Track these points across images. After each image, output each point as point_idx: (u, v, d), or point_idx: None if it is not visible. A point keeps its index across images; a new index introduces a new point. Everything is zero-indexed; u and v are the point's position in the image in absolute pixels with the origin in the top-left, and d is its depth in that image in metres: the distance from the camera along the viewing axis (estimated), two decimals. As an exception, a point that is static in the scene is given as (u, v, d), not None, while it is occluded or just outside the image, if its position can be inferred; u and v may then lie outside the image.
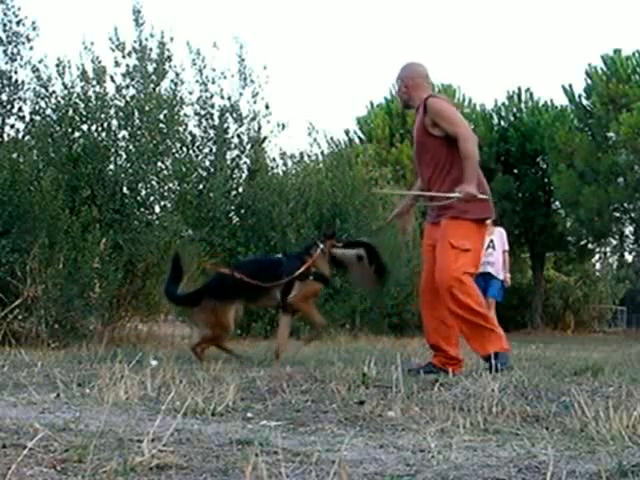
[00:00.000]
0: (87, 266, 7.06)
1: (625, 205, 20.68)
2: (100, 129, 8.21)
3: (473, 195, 4.16)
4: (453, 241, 4.19)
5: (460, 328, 4.25)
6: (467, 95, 24.04)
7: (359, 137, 24.71)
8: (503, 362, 4.09)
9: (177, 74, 9.35)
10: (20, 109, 8.07)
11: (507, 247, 9.42)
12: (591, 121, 20.57)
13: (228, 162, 10.71)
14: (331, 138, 19.15)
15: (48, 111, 8.13)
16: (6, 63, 8.01)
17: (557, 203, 22.74)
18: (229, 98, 10.72)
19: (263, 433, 2.16)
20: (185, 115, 9.69)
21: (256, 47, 44.02)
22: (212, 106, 10.61)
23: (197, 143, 10.43)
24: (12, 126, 8.09)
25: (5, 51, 8.00)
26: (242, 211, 10.81)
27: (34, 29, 8.08)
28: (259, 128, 10.95)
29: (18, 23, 8.04)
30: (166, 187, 8.86)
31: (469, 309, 4.15)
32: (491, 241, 9.09)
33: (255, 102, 10.83)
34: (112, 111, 8.31)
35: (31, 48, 8.12)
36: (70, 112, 8.06)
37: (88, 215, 7.40)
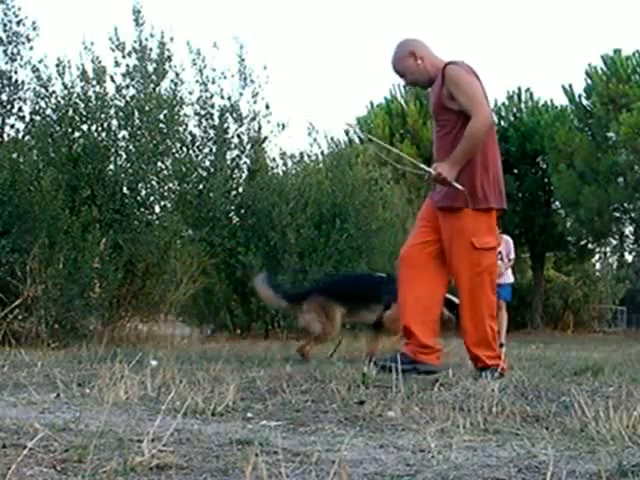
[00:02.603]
0: (87, 266, 7.06)
1: (625, 205, 20.66)
2: (100, 129, 8.21)
3: (444, 180, 3.72)
4: (475, 240, 3.78)
5: (465, 330, 3.89)
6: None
7: (359, 137, 24.70)
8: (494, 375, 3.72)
9: (177, 74, 9.37)
10: (20, 109, 8.08)
11: (513, 255, 9.54)
12: (591, 121, 20.55)
13: (228, 162, 10.72)
14: (331, 138, 19.17)
15: (48, 111, 8.13)
16: (6, 63, 8.02)
17: (557, 203, 22.72)
18: (229, 98, 10.74)
19: (263, 433, 2.16)
20: (185, 115, 9.70)
21: (256, 47, 44.00)
22: (212, 106, 10.62)
23: (197, 143, 10.44)
24: (12, 126, 8.09)
25: (5, 51, 8.01)
26: (242, 211, 10.82)
27: (34, 29, 8.09)
28: (259, 128, 10.97)
29: (18, 23, 8.04)
30: (166, 187, 8.87)
31: (481, 321, 3.82)
32: (499, 252, 9.20)
33: (255, 102, 10.86)
34: (112, 111, 8.32)
35: (31, 48, 8.13)
36: (70, 112, 8.06)
37: (88, 215, 7.40)
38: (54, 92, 8.21)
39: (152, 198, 8.63)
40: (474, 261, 3.79)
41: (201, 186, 10.40)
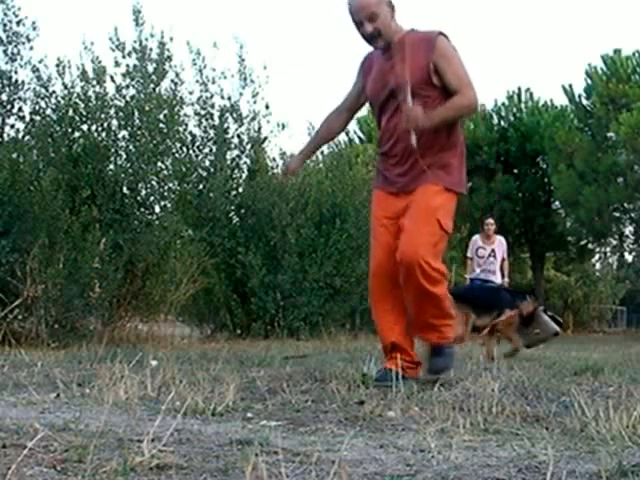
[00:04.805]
0: (87, 266, 7.07)
1: (625, 205, 20.68)
2: (100, 129, 8.22)
3: (415, 120, 3.31)
4: (442, 219, 3.42)
5: (420, 311, 3.46)
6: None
7: (359, 137, 24.73)
8: (447, 364, 3.53)
9: (177, 74, 9.37)
10: (20, 109, 8.08)
11: (506, 255, 9.74)
12: (591, 121, 20.57)
13: (228, 162, 10.72)
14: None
15: (48, 111, 8.13)
16: (6, 63, 8.02)
17: (557, 203, 22.75)
18: (229, 98, 10.74)
19: (263, 433, 2.16)
20: (185, 115, 9.71)
21: (256, 47, 44.01)
22: (212, 106, 10.63)
23: (197, 143, 10.45)
24: (12, 126, 8.09)
25: (5, 51, 8.01)
26: (242, 211, 10.83)
27: (34, 29, 8.09)
28: (259, 128, 10.98)
29: (18, 23, 8.04)
30: (166, 187, 8.87)
31: (442, 292, 3.45)
32: (492, 250, 9.45)
33: (255, 102, 10.87)
34: (112, 111, 8.32)
35: (31, 48, 8.13)
36: (70, 112, 8.07)
37: (88, 215, 7.40)
38: (54, 92, 8.22)
39: (152, 198, 8.63)
40: (436, 237, 3.41)
41: (201, 186, 10.41)
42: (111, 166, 8.23)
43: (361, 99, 3.78)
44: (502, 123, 23.61)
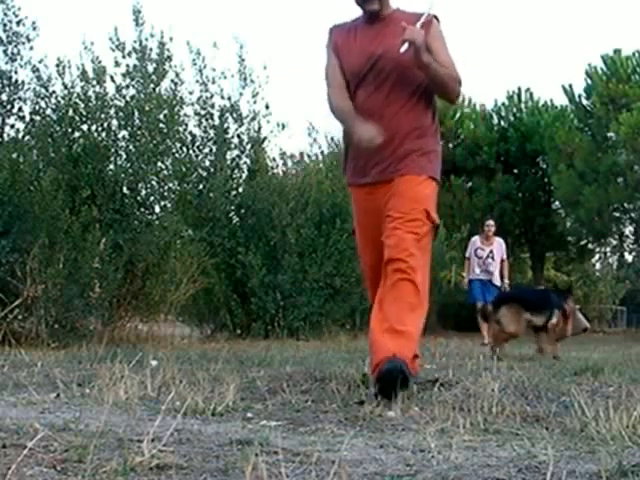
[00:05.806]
0: (87, 266, 7.07)
1: (625, 205, 20.64)
2: (100, 129, 8.21)
3: (421, 39, 3.05)
4: (430, 210, 3.18)
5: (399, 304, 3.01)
6: (467, 95, 24.03)
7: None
8: (398, 374, 2.82)
9: (177, 74, 9.37)
10: (20, 109, 8.07)
11: (505, 257, 9.86)
12: (591, 121, 20.54)
13: (228, 162, 10.72)
14: (331, 138, 19.17)
15: (48, 111, 8.13)
16: (6, 63, 8.02)
17: (557, 203, 22.71)
18: (229, 98, 10.74)
19: (263, 433, 2.16)
20: (185, 115, 9.71)
21: (256, 47, 43.95)
22: (212, 106, 10.63)
23: (197, 143, 10.45)
24: (12, 126, 8.09)
25: (5, 51, 8.01)
26: (242, 211, 10.82)
27: (34, 29, 8.09)
28: (259, 128, 10.98)
29: (18, 23, 8.03)
30: (166, 187, 8.87)
31: (423, 283, 3.08)
32: (491, 251, 9.59)
33: (255, 102, 10.87)
34: (112, 111, 8.32)
35: (31, 48, 8.12)
36: (70, 112, 8.07)
37: (88, 215, 7.40)
38: (54, 92, 8.21)
39: (152, 198, 8.63)
40: (422, 233, 3.14)
41: (201, 186, 10.41)
42: (111, 166, 8.23)
43: None
44: (502, 123, 23.57)
